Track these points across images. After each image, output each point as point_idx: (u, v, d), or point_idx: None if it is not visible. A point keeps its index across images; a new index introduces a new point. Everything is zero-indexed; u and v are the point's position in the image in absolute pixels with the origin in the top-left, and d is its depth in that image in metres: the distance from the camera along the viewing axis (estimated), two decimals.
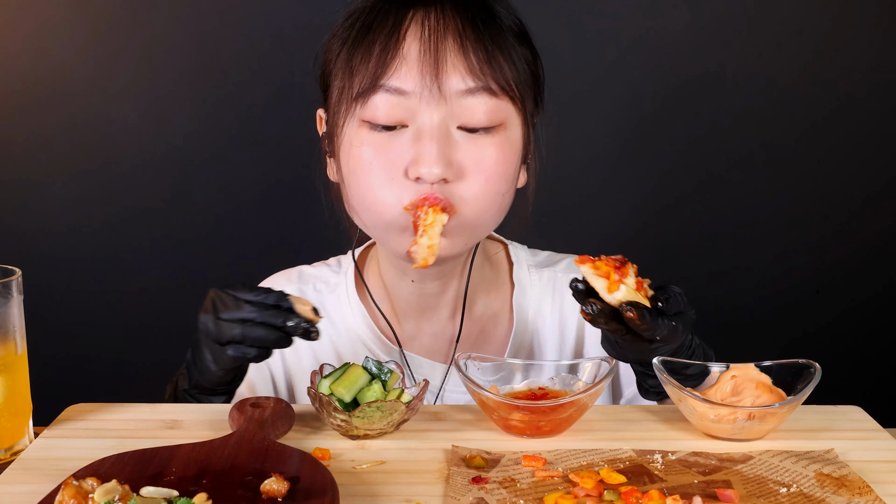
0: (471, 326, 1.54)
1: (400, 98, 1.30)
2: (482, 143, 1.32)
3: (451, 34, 1.30)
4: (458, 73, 1.29)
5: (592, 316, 1.18)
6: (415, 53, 1.29)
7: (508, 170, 1.36)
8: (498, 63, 1.31)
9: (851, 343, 2.67)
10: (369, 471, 1.09)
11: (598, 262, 1.19)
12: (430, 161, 1.29)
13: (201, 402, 1.32)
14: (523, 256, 1.59)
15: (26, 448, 1.16)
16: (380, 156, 1.32)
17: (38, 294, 1.54)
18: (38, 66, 2.51)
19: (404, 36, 1.30)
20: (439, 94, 1.29)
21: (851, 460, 1.11)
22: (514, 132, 1.36)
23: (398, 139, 1.32)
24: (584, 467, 1.09)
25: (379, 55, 1.30)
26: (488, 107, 1.31)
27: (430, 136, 1.30)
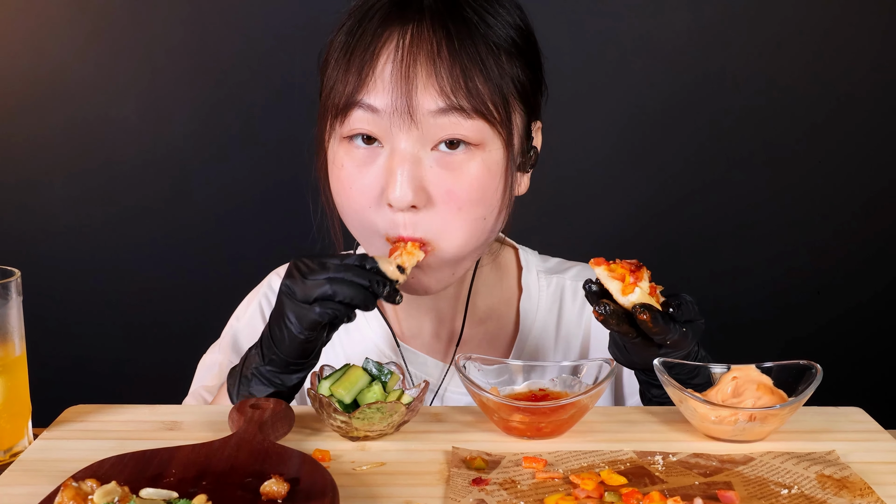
0: (474, 327, 1.53)
1: (374, 116, 1.28)
2: (455, 168, 1.30)
3: (424, 54, 1.27)
4: (428, 93, 1.27)
5: (605, 316, 1.18)
6: (388, 73, 1.27)
7: (486, 193, 1.32)
8: (473, 83, 1.28)
9: (852, 344, 2.67)
10: (369, 472, 1.08)
11: (614, 264, 1.20)
12: (398, 187, 1.28)
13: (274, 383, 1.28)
14: (533, 262, 1.59)
15: (25, 449, 1.15)
16: (360, 176, 1.31)
17: (37, 295, 1.54)
18: (37, 66, 2.51)
19: (379, 54, 1.28)
20: (409, 117, 1.27)
21: (853, 462, 1.11)
22: (492, 154, 1.32)
23: (375, 160, 1.30)
24: (584, 469, 1.09)
25: (355, 72, 1.29)
26: (462, 128, 1.28)
27: (401, 161, 1.28)
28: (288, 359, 1.25)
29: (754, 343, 2.64)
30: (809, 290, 2.66)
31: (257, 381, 1.28)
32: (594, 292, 1.21)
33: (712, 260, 2.64)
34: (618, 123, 2.59)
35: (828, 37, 2.55)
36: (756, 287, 2.66)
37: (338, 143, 1.33)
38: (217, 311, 1.61)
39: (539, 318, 1.55)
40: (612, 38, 2.55)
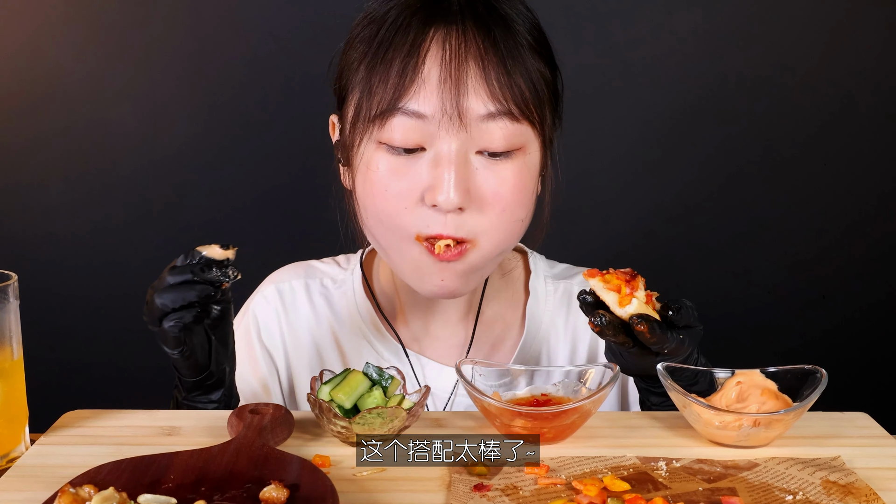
0: (480, 331, 1.53)
1: (418, 122, 1.27)
2: (500, 171, 1.31)
3: (473, 57, 1.27)
4: (478, 97, 1.27)
5: (601, 328, 1.18)
6: (435, 77, 1.26)
7: (526, 196, 1.35)
8: (518, 86, 1.28)
9: (858, 348, 2.66)
10: (370, 478, 1.08)
11: (608, 275, 1.19)
12: (447, 189, 1.28)
13: (200, 406, 1.31)
14: (541, 267, 1.59)
15: (22, 455, 1.15)
16: (396, 180, 1.31)
17: (34, 299, 1.53)
18: (34, 68, 2.50)
19: (424, 58, 1.27)
20: (459, 120, 1.27)
21: (858, 467, 1.11)
22: (532, 156, 1.34)
23: (416, 163, 1.30)
24: (587, 474, 1.08)
25: (398, 77, 1.27)
26: (508, 131, 1.29)
27: (449, 164, 1.28)
28: (192, 379, 1.28)
29: (759, 347, 2.63)
30: (814, 294, 2.65)
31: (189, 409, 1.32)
32: (589, 303, 1.21)
33: (716, 264, 2.63)
34: (623, 128, 2.59)
35: (833, 40, 2.55)
36: (760, 291, 2.65)
37: (374, 148, 1.32)
38: None
39: (545, 322, 1.55)
40: (620, 42, 2.54)
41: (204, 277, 1.18)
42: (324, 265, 1.61)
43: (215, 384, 1.31)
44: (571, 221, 2.53)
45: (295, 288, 1.57)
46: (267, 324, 1.55)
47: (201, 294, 1.18)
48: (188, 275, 1.18)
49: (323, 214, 1.47)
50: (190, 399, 1.32)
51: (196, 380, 1.29)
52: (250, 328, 1.56)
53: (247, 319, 1.57)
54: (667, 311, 1.19)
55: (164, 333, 1.21)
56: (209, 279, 1.18)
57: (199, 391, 1.31)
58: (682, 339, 1.20)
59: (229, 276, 1.18)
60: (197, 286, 1.18)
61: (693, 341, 1.22)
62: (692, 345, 1.22)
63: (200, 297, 1.18)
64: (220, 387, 1.32)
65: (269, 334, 1.55)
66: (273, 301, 1.56)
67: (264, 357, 1.54)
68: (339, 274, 1.59)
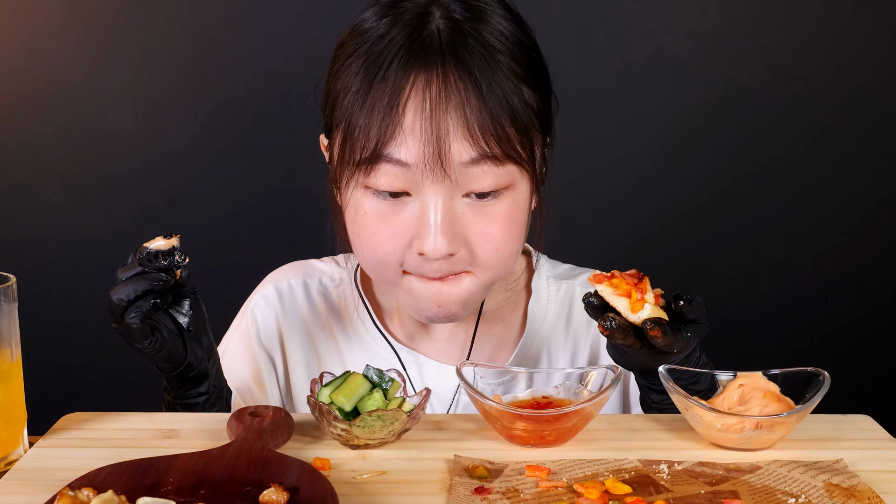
0: (480, 330, 1.53)
1: (402, 169, 1.27)
2: (488, 212, 1.31)
3: (454, 105, 1.25)
4: (460, 143, 1.26)
5: (611, 331, 1.17)
6: (417, 127, 1.25)
7: (516, 231, 1.35)
8: (501, 127, 1.27)
9: (861, 351, 2.66)
10: (370, 481, 1.08)
11: (615, 279, 1.18)
12: (433, 239, 1.28)
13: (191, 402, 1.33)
14: (544, 267, 1.59)
15: (21, 458, 1.14)
16: (385, 225, 1.32)
17: (32, 301, 1.53)
18: (33, 68, 2.50)
19: (405, 107, 1.26)
20: (441, 169, 1.26)
21: (861, 470, 1.10)
22: (520, 192, 1.34)
23: (403, 209, 1.31)
24: (588, 477, 1.08)
25: (380, 125, 1.26)
26: (494, 174, 1.29)
27: (435, 213, 1.28)
28: (173, 373, 1.30)
29: (761, 350, 2.63)
30: (817, 295, 2.65)
31: (177, 408, 1.33)
32: (595, 306, 1.20)
33: (719, 266, 2.63)
34: (625, 130, 2.59)
35: (837, 41, 2.55)
36: (763, 293, 2.65)
37: (361, 191, 1.32)
38: (213, 317, 1.59)
39: (547, 321, 1.54)
40: (621, 44, 2.54)
41: (153, 266, 1.21)
42: (323, 264, 1.61)
43: (199, 376, 1.31)
44: (572, 222, 2.53)
45: (293, 287, 1.57)
46: (266, 323, 1.56)
47: (154, 283, 1.21)
48: (137, 268, 1.22)
49: (322, 215, 1.47)
50: (179, 397, 1.33)
51: (177, 373, 1.30)
52: (249, 327, 1.57)
53: (246, 319, 1.58)
54: (678, 302, 1.19)
55: (128, 328, 1.22)
56: (159, 267, 1.21)
57: (185, 386, 1.32)
58: (690, 336, 1.20)
59: (177, 261, 1.22)
60: (148, 276, 1.21)
61: (697, 337, 1.21)
62: (695, 340, 1.21)
63: (154, 286, 1.21)
64: (205, 378, 1.33)
65: (267, 333, 1.55)
66: (272, 300, 1.57)
67: (263, 356, 1.55)
68: (338, 273, 1.59)
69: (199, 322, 1.29)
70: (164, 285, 1.22)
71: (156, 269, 1.21)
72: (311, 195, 1.49)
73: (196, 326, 1.29)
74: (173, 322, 1.27)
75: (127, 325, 1.22)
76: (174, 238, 1.22)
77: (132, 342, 1.24)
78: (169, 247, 1.21)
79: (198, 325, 1.29)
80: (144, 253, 1.21)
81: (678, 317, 1.21)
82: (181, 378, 1.30)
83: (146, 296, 1.22)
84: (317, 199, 1.48)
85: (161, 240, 1.22)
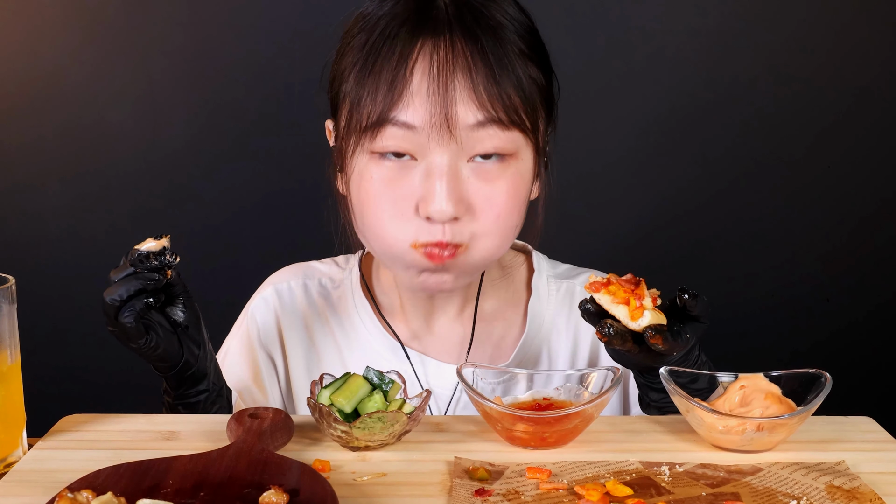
0: (480, 327, 1.53)
1: (408, 132, 1.29)
2: (493, 178, 1.32)
3: (460, 67, 1.28)
4: (466, 107, 1.28)
5: (609, 338, 1.17)
6: (423, 89, 1.28)
7: (519, 202, 1.36)
8: (507, 94, 1.29)
9: (863, 352, 2.65)
10: (370, 483, 1.07)
11: (612, 286, 1.18)
12: (440, 201, 1.29)
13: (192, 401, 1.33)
14: (544, 266, 1.59)
15: (20, 460, 1.14)
16: (390, 190, 1.32)
17: (31, 302, 1.53)
18: (32, 68, 2.50)
19: (412, 70, 1.28)
20: (448, 131, 1.28)
21: (863, 472, 1.10)
22: (524, 162, 1.35)
23: (408, 174, 1.31)
24: (589, 479, 1.08)
25: (387, 89, 1.29)
26: (499, 139, 1.30)
27: (440, 175, 1.29)
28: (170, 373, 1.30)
29: (762, 351, 2.63)
30: (819, 296, 2.65)
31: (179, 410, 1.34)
32: (592, 312, 1.20)
33: (720, 267, 2.63)
34: (624, 128, 2.58)
35: (839, 40, 2.54)
36: (764, 294, 2.65)
37: (366, 158, 1.33)
38: (214, 319, 1.59)
39: (547, 321, 1.54)
40: (621, 42, 2.54)
41: (145, 266, 1.22)
42: (323, 265, 1.61)
43: (197, 374, 1.32)
44: (572, 222, 2.53)
45: (293, 288, 1.58)
46: (266, 324, 1.56)
47: (146, 282, 1.22)
48: (130, 269, 1.22)
49: (322, 216, 1.47)
50: (180, 397, 1.33)
51: (175, 373, 1.30)
52: (250, 329, 1.57)
53: (246, 321, 1.58)
54: (683, 296, 1.19)
55: (122, 327, 1.23)
56: (150, 267, 1.22)
57: (185, 385, 1.32)
58: (689, 338, 1.20)
59: (168, 261, 1.22)
60: (140, 276, 1.22)
61: (695, 336, 1.21)
62: (693, 338, 1.21)
63: (146, 285, 1.22)
64: (204, 375, 1.33)
65: (268, 335, 1.56)
66: (272, 302, 1.57)
67: (263, 358, 1.55)
68: (337, 274, 1.59)
69: (192, 319, 1.30)
70: (157, 284, 1.22)
71: (147, 270, 1.22)
72: (313, 194, 1.49)
73: (190, 323, 1.29)
74: (167, 320, 1.28)
75: (121, 325, 1.22)
76: (164, 239, 1.23)
77: (127, 342, 1.25)
78: (160, 247, 1.22)
79: (192, 323, 1.29)
80: (136, 254, 1.22)
81: (680, 312, 1.21)
82: (179, 377, 1.31)
83: (139, 295, 1.22)
84: (319, 198, 1.48)
85: (152, 241, 1.23)
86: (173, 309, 1.28)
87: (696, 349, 1.27)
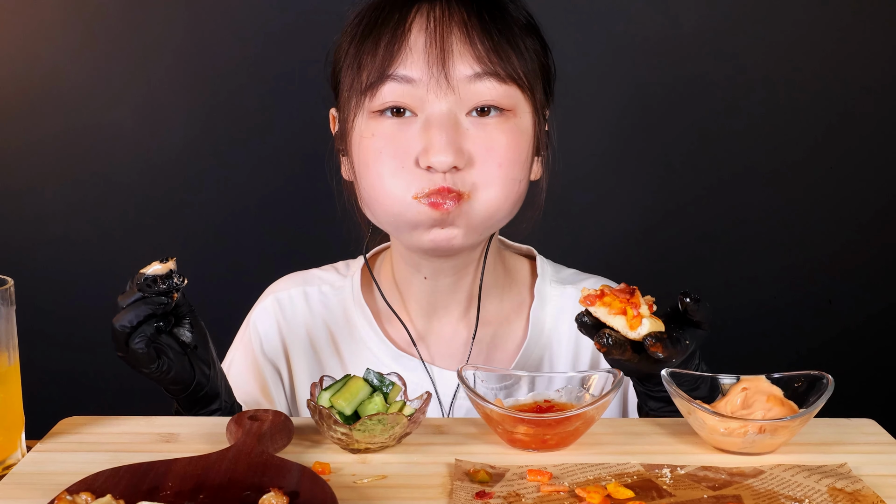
0: (482, 331, 1.53)
1: (407, 87, 1.32)
2: (492, 129, 1.34)
3: (457, 24, 1.33)
4: (464, 60, 1.32)
5: (608, 348, 1.17)
6: (421, 43, 1.32)
7: (521, 156, 1.37)
8: (504, 51, 1.33)
9: (865, 354, 2.65)
10: (370, 485, 1.07)
11: (607, 297, 1.17)
12: (439, 149, 1.30)
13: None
14: (548, 271, 1.58)
15: (19, 462, 1.14)
16: (389, 145, 1.34)
17: (30, 304, 1.53)
18: (30, 70, 2.49)
19: (410, 27, 1.33)
20: (446, 83, 1.32)
21: (865, 474, 1.10)
22: (524, 120, 1.37)
23: (407, 129, 1.33)
24: (590, 482, 1.07)
25: (385, 47, 1.33)
26: (497, 92, 1.33)
27: (440, 125, 1.31)
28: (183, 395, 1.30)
29: (764, 353, 2.62)
30: (821, 299, 2.64)
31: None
32: (589, 325, 1.20)
33: (721, 269, 2.62)
34: (622, 127, 2.57)
35: (839, 39, 2.54)
36: (766, 296, 2.64)
37: (366, 119, 1.36)
38: (214, 321, 1.59)
39: (549, 327, 1.54)
40: (617, 38, 2.53)
41: (153, 291, 1.21)
42: (323, 272, 1.61)
43: (209, 393, 1.31)
44: (574, 224, 2.52)
45: (294, 297, 1.57)
46: (268, 334, 1.56)
47: (155, 307, 1.21)
48: (137, 294, 1.22)
49: (322, 217, 1.47)
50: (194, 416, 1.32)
51: (188, 394, 1.29)
52: (252, 340, 1.57)
53: (248, 332, 1.58)
54: (685, 300, 1.19)
55: (134, 353, 1.22)
56: (158, 291, 1.21)
57: (199, 406, 1.32)
58: (688, 343, 1.19)
59: (176, 284, 1.22)
60: (148, 300, 1.21)
61: (695, 343, 1.21)
62: (694, 346, 1.21)
63: (155, 310, 1.21)
64: (216, 394, 1.33)
65: (270, 345, 1.55)
66: (273, 311, 1.57)
67: (268, 368, 1.55)
68: (337, 280, 1.59)
69: (200, 339, 1.29)
70: (165, 308, 1.22)
71: (155, 294, 1.21)
72: (312, 196, 1.49)
73: (199, 343, 1.29)
74: (176, 342, 1.27)
75: (133, 352, 1.22)
76: (171, 262, 1.23)
77: (139, 368, 1.24)
78: (166, 270, 1.22)
79: (200, 342, 1.29)
80: (143, 279, 1.21)
81: (681, 316, 1.20)
82: (192, 398, 1.30)
83: (148, 320, 1.22)
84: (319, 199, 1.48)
85: (158, 264, 1.22)
86: (180, 330, 1.28)
87: (696, 357, 1.27)
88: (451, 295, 1.50)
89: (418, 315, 1.52)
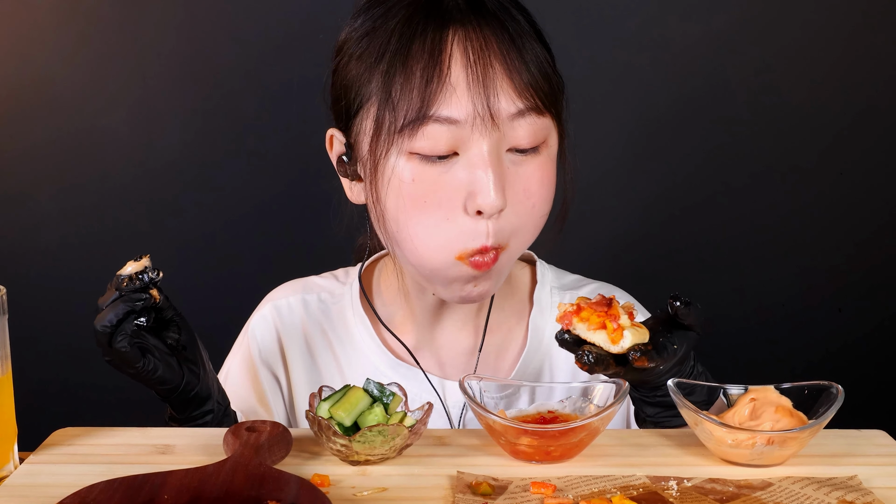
0: (485, 340, 1.51)
1: (451, 127, 1.26)
2: (528, 167, 1.31)
3: (495, 56, 1.27)
4: (507, 96, 1.27)
5: (590, 366, 1.15)
6: (463, 81, 1.26)
7: (550, 190, 1.35)
8: (538, 80, 1.29)
9: (875, 364, 2.64)
10: (370, 498, 1.06)
11: (584, 312, 1.15)
12: (489, 192, 1.26)
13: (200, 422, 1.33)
14: (549, 277, 1.57)
15: (11, 474, 1.13)
16: (434, 193, 1.28)
17: (23, 313, 1.52)
18: (23, 73, 2.49)
19: (449, 63, 1.26)
20: (491, 121, 1.26)
21: (876, 487, 1.09)
22: (553, 147, 1.35)
23: (451, 169, 1.28)
24: (595, 494, 1.06)
25: (424, 84, 1.26)
26: (535, 126, 1.29)
27: (485, 165, 1.26)
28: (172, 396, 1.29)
29: (773, 362, 2.62)
30: (831, 307, 2.64)
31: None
32: (570, 342, 1.18)
33: (729, 276, 2.62)
34: (630, 132, 2.58)
35: (850, 44, 2.54)
36: (775, 305, 2.64)
37: (404, 160, 1.29)
38: (211, 329, 1.59)
39: (548, 335, 1.52)
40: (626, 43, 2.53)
41: (129, 288, 1.22)
42: (322, 280, 1.60)
43: (200, 394, 1.31)
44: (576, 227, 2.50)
45: (292, 304, 1.56)
46: (266, 342, 1.55)
47: (133, 303, 1.22)
48: (115, 293, 1.23)
49: (320, 222, 1.46)
50: (187, 420, 1.32)
51: (178, 395, 1.29)
52: (251, 348, 1.56)
53: (247, 340, 1.57)
54: (675, 304, 1.17)
55: (118, 353, 1.22)
56: (135, 288, 1.22)
57: (191, 407, 1.31)
58: (676, 348, 1.18)
59: (150, 278, 1.23)
60: (126, 298, 1.22)
61: (686, 345, 1.20)
62: (685, 349, 1.20)
63: (134, 306, 1.22)
64: (208, 395, 1.32)
65: (269, 353, 1.55)
66: (271, 319, 1.56)
67: (266, 376, 1.54)
68: (336, 288, 1.58)
69: (188, 339, 1.29)
70: (145, 304, 1.22)
71: (132, 291, 1.22)
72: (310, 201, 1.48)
73: (186, 343, 1.29)
74: (164, 343, 1.27)
75: (116, 351, 1.22)
76: (144, 258, 1.24)
77: (125, 368, 1.24)
78: (141, 267, 1.23)
79: (188, 343, 1.29)
80: (119, 279, 1.23)
81: (672, 320, 1.19)
82: (183, 399, 1.30)
83: (128, 317, 1.22)
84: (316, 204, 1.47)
85: (132, 263, 1.24)
86: (167, 332, 1.28)
87: (690, 359, 1.25)
88: (454, 307, 1.49)
89: (424, 323, 1.50)
